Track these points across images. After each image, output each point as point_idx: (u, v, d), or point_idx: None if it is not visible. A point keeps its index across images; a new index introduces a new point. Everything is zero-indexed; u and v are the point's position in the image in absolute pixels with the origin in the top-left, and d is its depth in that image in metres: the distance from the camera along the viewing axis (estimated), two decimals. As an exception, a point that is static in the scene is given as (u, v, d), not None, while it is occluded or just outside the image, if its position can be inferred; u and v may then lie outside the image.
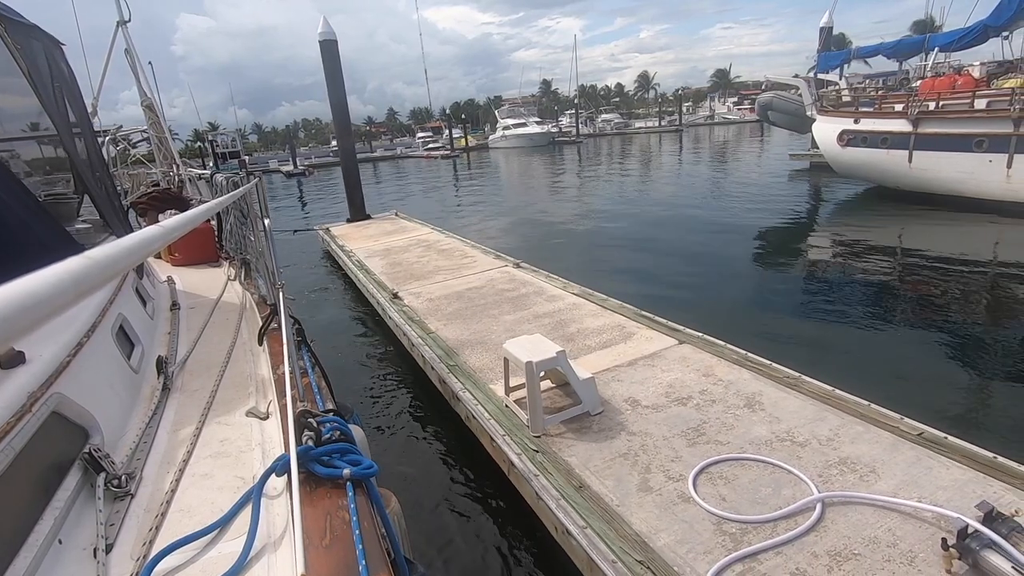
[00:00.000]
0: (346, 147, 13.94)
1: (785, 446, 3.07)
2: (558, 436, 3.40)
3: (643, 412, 3.56)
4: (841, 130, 13.18)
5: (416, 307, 6.13)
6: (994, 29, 11.87)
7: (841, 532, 2.44)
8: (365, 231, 11.56)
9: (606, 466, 3.06)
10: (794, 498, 2.65)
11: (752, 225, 11.38)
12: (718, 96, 72.81)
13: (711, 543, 2.45)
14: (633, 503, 2.75)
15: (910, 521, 2.46)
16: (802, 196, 15.16)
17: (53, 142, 3.49)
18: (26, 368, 1.60)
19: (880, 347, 5.43)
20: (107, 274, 0.49)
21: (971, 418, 4.02)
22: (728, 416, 3.41)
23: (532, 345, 3.61)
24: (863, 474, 2.78)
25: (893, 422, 3.18)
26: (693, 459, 3.02)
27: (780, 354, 4.17)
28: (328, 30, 12.27)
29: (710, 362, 4.13)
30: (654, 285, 7.79)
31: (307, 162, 48.78)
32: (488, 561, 3.19)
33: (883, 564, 2.25)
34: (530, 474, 3.07)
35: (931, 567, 2.21)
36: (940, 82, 12.47)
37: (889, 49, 14.73)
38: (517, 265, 7.44)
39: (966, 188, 11.05)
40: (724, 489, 2.78)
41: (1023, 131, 9.97)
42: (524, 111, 56.85)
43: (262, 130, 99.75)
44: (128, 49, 6.86)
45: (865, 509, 2.56)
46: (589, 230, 12.42)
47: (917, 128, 11.61)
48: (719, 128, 55.81)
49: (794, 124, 16.68)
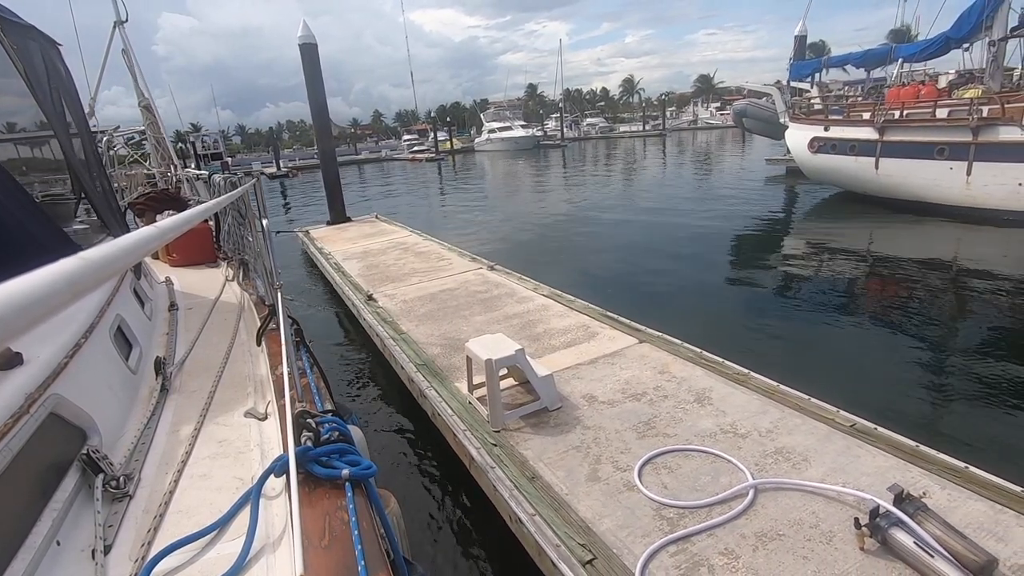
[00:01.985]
0: (326, 150, 13.98)
1: (728, 437, 3.25)
2: (516, 431, 3.54)
3: (599, 407, 3.72)
4: (812, 137, 13.57)
5: (390, 308, 6.23)
6: (955, 41, 12.34)
7: (770, 515, 2.62)
8: (344, 234, 11.62)
9: (559, 458, 3.21)
10: (731, 485, 2.82)
11: (727, 227, 11.68)
12: (701, 101, 73.83)
13: (650, 527, 2.61)
14: (581, 492, 2.90)
15: (833, 504, 2.64)
16: (777, 200, 15.55)
17: (50, 142, 3.47)
18: (24, 369, 1.59)
19: (834, 343, 5.67)
20: (103, 274, 0.48)
21: (910, 410, 4.25)
22: (678, 410, 3.58)
23: (493, 344, 3.75)
24: (796, 462, 2.97)
25: (829, 414, 3.38)
26: (641, 450, 3.18)
27: (741, 351, 4.37)
28: (308, 33, 12.32)
29: (666, 360, 4.31)
30: (625, 285, 7.98)
31: (291, 164, 48.43)
32: (448, 552, 3.32)
33: (804, 543, 2.43)
34: (487, 466, 3.20)
35: (846, 545, 2.39)
36: (905, 91, 12.91)
37: (857, 59, 15.20)
38: (491, 267, 7.58)
39: (929, 194, 11.46)
40: (667, 478, 2.95)
41: (981, 140, 10.40)
42: (509, 114, 57.12)
43: (246, 131, 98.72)
44: (125, 49, 6.86)
45: (794, 494, 2.74)
46: (569, 232, 12.61)
47: (883, 136, 12.01)
48: (702, 133, 56.62)
49: (767, 131, 17.13)
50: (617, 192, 19.23)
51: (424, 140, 61.53)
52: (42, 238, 2.19)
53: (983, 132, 10.32)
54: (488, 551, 3.29)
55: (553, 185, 23.52)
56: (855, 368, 5.07)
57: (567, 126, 60.73)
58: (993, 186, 10.41)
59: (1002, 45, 11.60)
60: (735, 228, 11.73)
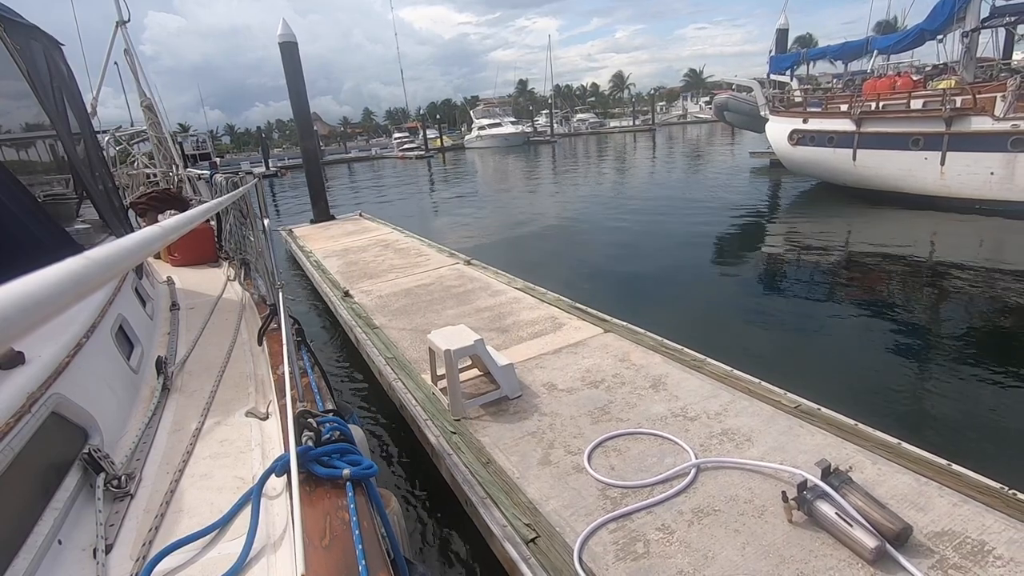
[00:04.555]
0: (309, 149, 14.00)
1: (678, 421, 3.35)
2: (476, 419, 3.63)
3: (558, 395, 3.81)
4: (791, 129, 13.72)
5: (365, 304, 6.30)
6: (930, 33, 12.51)
7: (708, 492, 2.73)
8: (327, 232, 11.66)
9: (514, 444, 3.30)
10: (675, 465, 2.93)
11: (712, 221, 11.82)
12: (690, 96, 74.03)
13: (593, 507, 2.71)
14: (532, 475, 3.00)
15: (768, 480, 2.75)
16: (760, 192, 15.70)
17: (52, 143, 3.49)
18: (25, 368, 1.59)
19: (805, 328, 5.80)
20: (106, 275, 0.48)
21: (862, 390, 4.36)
22: (633, 396, 3.68)
23: (454, 335, 3.83)
24: (739, 442, 3.08)
25: (776, 396, 3.49)
26: (594, 435, 3.28)
27: (712, 340, 4.47)
28: (288, 32, 12.31)
29: (628, 348, 4.41)
30: (604, 278, 8.09)
31: (279, 164, 48.24)
32: (415, 540, 3.40)
33: (737, 517, 2.54)
34: (445, 453, 3.30)
35: (776, 518, 2.50)
36: (881, 83, 13.07)
37: (835, 52, 15.36)
38: (468, 262, 7.67)
39: (905, 184, 11.64)
40: (615, 460, 3.05)
41: (954, 130, 10.57)
42: (499, 111, 57.09)
43: (235, 131, 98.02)
44: (128, 49, 6.87)
45: (733, 472, 2.85)
46: (554, 228, 12.70)
47: (860, 127, 12.17)
48: (691, 127, 56.88)
49: (749, 124, 17.27)
50: (605, 187, 19.32)
51: (415, 138, 61.38)
52: (44, 238, 2.21)
53: (956, 123, 10.50)
54: (450, 537, 3.37)
55: (542, 180, 23.60)
56: (816, 352, 5.21)
57: (557, 122, 60.76)
58: (966, 175, 10.59)
59: (975, 36, 11.78)
60: (719, 221, 11.87)
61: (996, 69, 12.78)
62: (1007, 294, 6.34)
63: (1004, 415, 3.99)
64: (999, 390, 4.35)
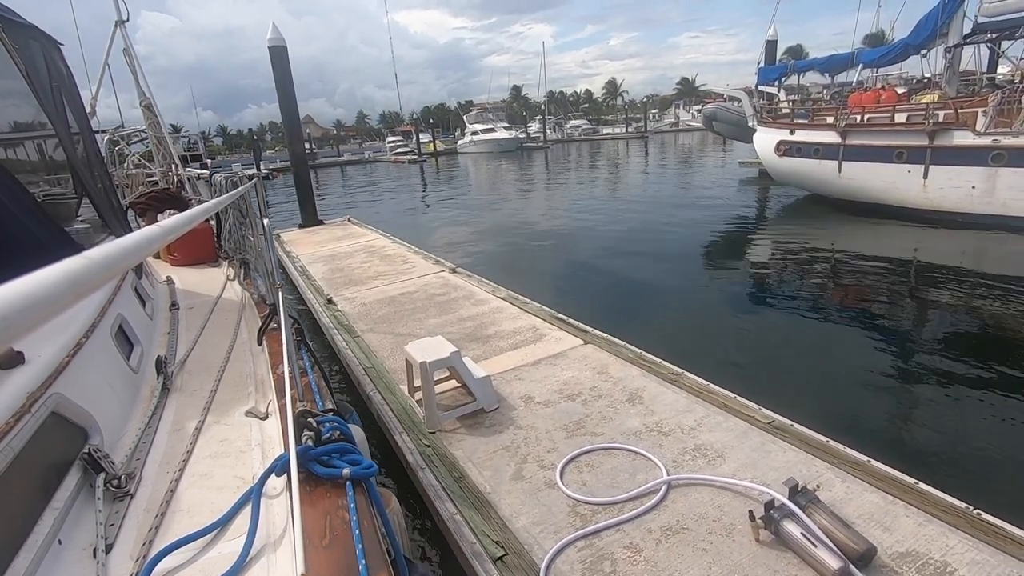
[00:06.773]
0: (297, 153, 13.95)
1: (652, 435, 3.35)
2: (452, 432, 3.61)
3: (534, 408, 3.80)
4: (778, 140, 13.85)
5: (348, 312, 6.27)
6: (914, 48, 12.69)
7: (678, 510, 2.72)
8: (314, 237, 11.60)
9: (488, 458, 3.29)
10: (647, 482, 2.92)
11: (700, 231, 11.91)
12: (683, 104, 74.64)
13: (563, 523, 2.70)
14: (504, 490, 2.98)
15: (739, 498, 2.75)
16: (748, 202, 15.84)
17: (51, 142, 3.46)
18: (25, 368, 1.59)
19: (788, 341, 5.83)
20: (106, 274, 0.48)
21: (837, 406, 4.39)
22: (609, 410, 3.68)
23: (430, 346, 3.81)
24: (711, 458, 3.08)
25: (751, 412, 3.50)
26: (568, 449, 3.27)
27: (693, 351, 4.48)
28: (277, 35, 12.28)
29: (607, 360, 4.41)
30: (589, 288, 8.11)
31: (272, 166, 47.98)
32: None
33: (705, 536, 2.53)
34: (418, 467, 3.27)
35: (744, 537, 2.50)
36: (866, 96, 13.24)
37: (821, 64, 15.55)
38: (453, 270, 7.65)
39: (889, 196, 11.77)
40: (587, 475, 3.04)
41: (937, 144, 10.72)
42: (493, 116, 57.22)
43: (227, 133, 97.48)
44: (127, 49, 6.83)
45: (704, 489, 2.85)
46: (542, 235, 12.72)
47: (845, 140, 12.30)
48: (683, 135, 57.26)
49: (736, 134, 17.42)
50: (597, 195, 19.39)
51: (408, 142, 61.34)
52: (43, 238, 2.19)
53: (939, 136, 10.64)
54: (424, 549, 3.34)
55: (534, 186, 23.65)
56: (792, 364, 5.23)
57: (551, 128, 60.99)
58: (948, 189, 10.73)
59: (957, 51, 11.97)
60: (706, 231, 11.96)
61: (980, 83, 12.98)
62: (983, 309, 6.41)
63: (975, 432, 4.03)
64: (974, 404, 4.39)
